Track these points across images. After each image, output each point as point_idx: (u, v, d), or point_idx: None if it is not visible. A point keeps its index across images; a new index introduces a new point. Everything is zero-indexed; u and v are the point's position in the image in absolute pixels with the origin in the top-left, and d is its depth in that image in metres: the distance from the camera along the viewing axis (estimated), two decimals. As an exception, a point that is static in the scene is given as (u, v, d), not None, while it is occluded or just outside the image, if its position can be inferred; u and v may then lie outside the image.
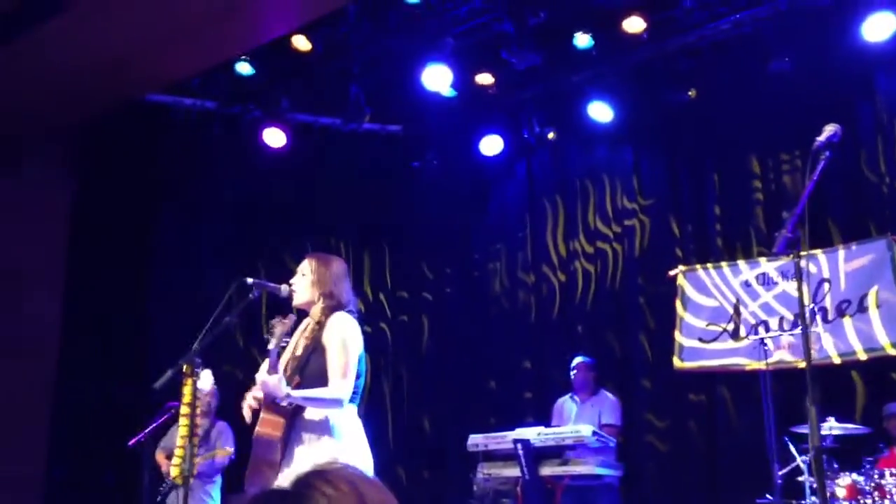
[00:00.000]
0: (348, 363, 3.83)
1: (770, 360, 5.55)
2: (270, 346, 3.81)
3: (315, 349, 3.92)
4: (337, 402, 3.81)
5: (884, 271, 6.12)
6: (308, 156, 8.64)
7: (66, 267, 7.63)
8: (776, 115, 7.40)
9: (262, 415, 3.83)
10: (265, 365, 3.76)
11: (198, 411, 3.67)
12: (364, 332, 4.06)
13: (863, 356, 6.12)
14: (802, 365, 6.20)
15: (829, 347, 6.14)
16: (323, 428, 3.82)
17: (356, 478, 1.26)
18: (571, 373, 7.15)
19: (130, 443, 6.17)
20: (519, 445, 5.92)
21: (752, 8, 7.06)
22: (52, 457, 7.25)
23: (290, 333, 4.03)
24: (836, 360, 6.18)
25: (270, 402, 3.80)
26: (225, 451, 6.48)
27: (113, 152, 7.92)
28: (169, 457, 6.14)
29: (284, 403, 3.79)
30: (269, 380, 3.71)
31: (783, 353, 6.10)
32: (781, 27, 6.99)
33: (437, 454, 8.53)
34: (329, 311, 3.99)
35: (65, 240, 7.64)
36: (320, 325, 3.95)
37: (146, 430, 6.13)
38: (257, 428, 3.84)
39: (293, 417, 3.82)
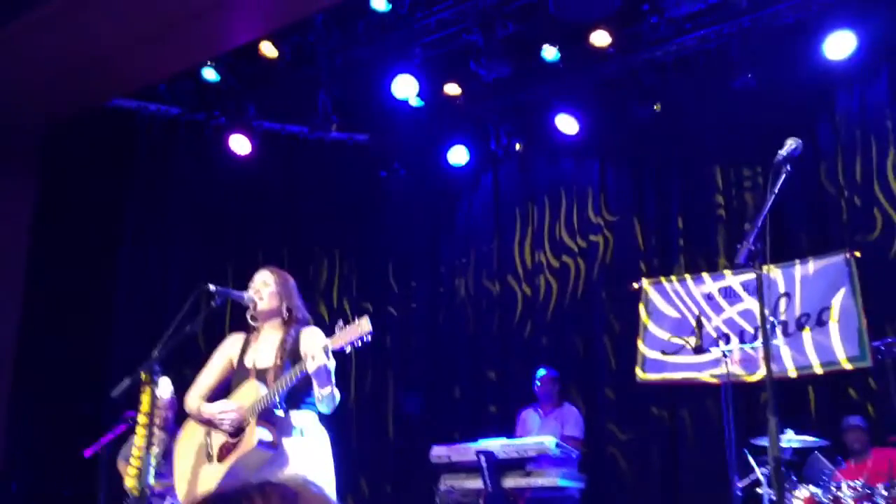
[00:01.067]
0: (332, 370, 3.97)
1: (722, 372, 5.60)
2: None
3: (295, 360, 3.95)
4: (335, 404, 4.02)
5: (841, 286, 6.21)
6: (274, 164, 8.58)
7: (26, 275, 7.47)
8: (739, 130, 7.50)
9: (253, 426, 3.83)
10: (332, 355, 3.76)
11: (156, 420, 3.62)
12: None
13: (819, 370, 6.19)
14: (751, 379, 6.30)
15: (787, 360, 6.21)
16: (300, 431, 3.94)
17: (296, 496, 1.22)
18: (536, 385, 7.15)
19: (86, 453, 6.06)
20: (482, 457, 5.91)
21: (716, 24, 7.16)
22: (7, 470, 7.09)
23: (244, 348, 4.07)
24: (793, 374, 6.25)
25: (267, 412, 3.83)
26: None
27: (76, 158, 7.77)
28: (134, 465, 6.03)
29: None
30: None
31: (735, 367, 6.15)
32: (745, 44, 7.09)
33: (401, 466, 8.49)
34: (297, 323, 4.11)
35: (25, 247, 7.48)
36: (292, 337, 3.99)
37: (102, 441, 6.02)
38: (253, 436, 3.81)
39: (278, 424, 3.88)
